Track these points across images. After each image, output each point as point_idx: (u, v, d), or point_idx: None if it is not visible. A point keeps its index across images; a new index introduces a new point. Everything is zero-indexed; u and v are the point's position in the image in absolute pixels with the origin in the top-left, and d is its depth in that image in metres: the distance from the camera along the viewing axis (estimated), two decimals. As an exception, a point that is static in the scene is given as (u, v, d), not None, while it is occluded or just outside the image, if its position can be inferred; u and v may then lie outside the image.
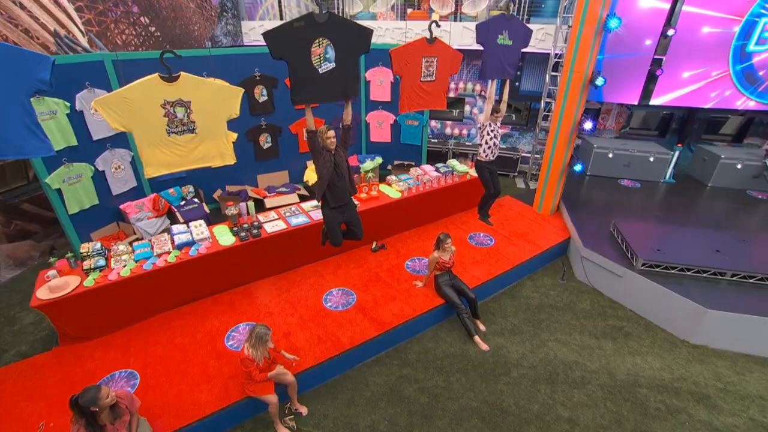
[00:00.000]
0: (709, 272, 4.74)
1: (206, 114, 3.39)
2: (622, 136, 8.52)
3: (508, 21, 4.33)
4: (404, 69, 3.95)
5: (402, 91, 4.08)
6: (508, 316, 4.91)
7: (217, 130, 3.51)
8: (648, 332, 4.62)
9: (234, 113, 3.53)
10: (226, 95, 3.46)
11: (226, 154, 3.65)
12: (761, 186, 7.22)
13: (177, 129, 3.34)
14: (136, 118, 3.16)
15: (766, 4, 6.36)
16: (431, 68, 4.11)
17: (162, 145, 3.33)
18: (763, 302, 4.37)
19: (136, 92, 3.11)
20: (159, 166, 3.38)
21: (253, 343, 3.18)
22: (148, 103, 3.16)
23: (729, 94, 7.02)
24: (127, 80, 5.45)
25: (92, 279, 3.93)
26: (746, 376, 4.13)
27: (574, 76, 5.59)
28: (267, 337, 3.23)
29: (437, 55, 4.08)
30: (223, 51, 6.58)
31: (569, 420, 3.62)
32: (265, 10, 10.11)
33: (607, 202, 6.83)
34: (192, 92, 3.27)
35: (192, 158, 3.50)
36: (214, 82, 3.60)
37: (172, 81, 3.21)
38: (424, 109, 4.43)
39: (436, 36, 3.99)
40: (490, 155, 5.29)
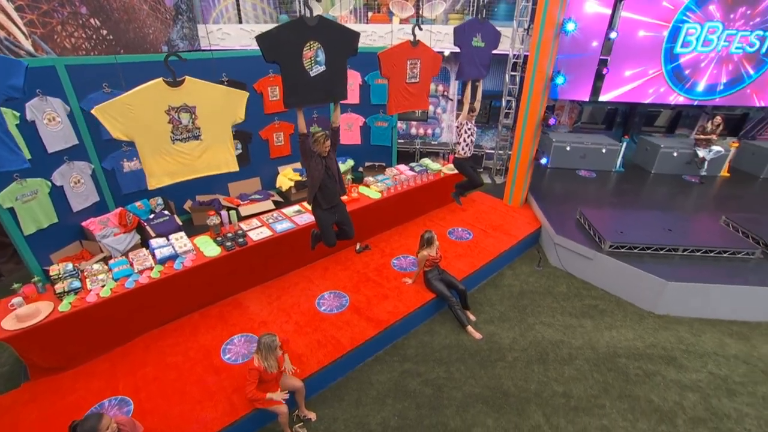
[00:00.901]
0: (665, 249, 5.28)
1: (212, 119, 3.26)
2: (575, 131, 9.20)
3: (481, 24, 4.57)
4: (391, 71, 4.04)
5: (389, 94, 4.17)
6: (495, 304, 5.14)
7: (222, 136, 3.39)
8: (619, 308, 5.06)
9: (239, 118, 3.44)
10: (231, 99, 3.35)
11: (231, 161, 3.55)
12: (693, 171, 8.11)
13: (182, 136, 3.19)
14: (139, 126, 2.98)
15: (688, 12, 7.19)
16: (415, 70, 4.24)
17: (166, 154, 3.17)
18: (709, 272, 4.94)
19: (139, 98, 2.94)
20: (163, 176, 3.22)
21: (264, 355, 3.12)
22: (151, 110, 2.99)
23: (663, 91, 7.83)
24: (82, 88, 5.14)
25: (68, 303, 3.62)
26: (702, 337, 4.65)
27: (537, 75, 5.97)
28: (275, 344, 3.18)
29: (420, 57, 4.22)
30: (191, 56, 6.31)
31: (564, 394, 3.89)
32: (219, 13, 9.75)
33: (569, 191, 7.35)
34: (197, 97, 3.14)
35: (197, 166, 3.36)
36: (219, 85, 3.47)
37: (177, 85, 3.07)
38: (409, 110, 4.57)
39: (419, 39, 4.13)
40: (468, 152, 5.54)
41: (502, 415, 3.67)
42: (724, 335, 4.67)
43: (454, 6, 9.20)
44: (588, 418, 3.65)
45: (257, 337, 4.11)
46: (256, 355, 3.15)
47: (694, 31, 7.31)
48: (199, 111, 3.19)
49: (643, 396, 3.88)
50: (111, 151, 5.63)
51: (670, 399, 3.86)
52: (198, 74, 5.81)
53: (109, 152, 5.61)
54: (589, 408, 3.76)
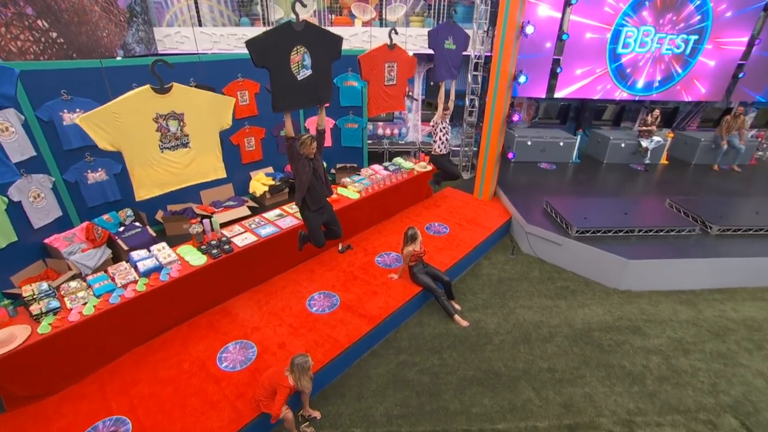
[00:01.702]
0: (623, 231, 5.81)
1: (200, 126, 3.21)
2: (533, 126, 9.79)
3: (452, 28, 4.81)
4: (371, 74, 4.17)
5: (369, 96, 4.30)
6: (477, 293, 5.42)
7: (210, 142, 3.34)
8: (588, 287, 5.51)
9: (227, 123, 3.40)
10: (218, 105, 3.31)
11: (219, 168, 3.50)
12: (638, 160, 8.92)
13: (170, 144, 3.11)
14: (127, 135, 2.88)
15: (626, 17, 7.92)
16: (392, 72, 4.40)
17: (155, 163, 3.08)
18: (660, 249, 5.52)
19: (126, 106, 2.83)
20: (152, 186, 3.11)
21: (298, 375, 3.13)
22: (139, 118, 2.89)
23: (609, 87, 8.56)
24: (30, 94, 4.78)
25: (47, 325, 3.41)
26: (659, 307, 5.19)
27: (501, 75, 6.34)
28: (308, 364, 3.20)
29: (397, 60, 4.38)
30: (139, 61, 6.07)
31: (549, 369, 4.21)
32: (174, 15, 9.38)
33: (533, 183, 7.84)
34: (185, 104, 3.08)
35: (186, 175, 3.28)
36: (206, 92, 3.40)
37: (165, 93, 2.99)
38: (388, 111, 4.71)
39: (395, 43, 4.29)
40: (444, 149, 5.78)
41: (496, 394, 3.92)
42: (676, 303, 5.24)
43: (414, 8, 9.47)
44: (572, 388, 3.99)
45: (252, 343, 4.10)
46: (290, 375, 3.15)
47: (632, 34, 8.06)
48: (187, 118, 3.13)
49: (616, 363, 4.29)
50: (73, 162, 5.31)
51: (638, 363, 4.30)
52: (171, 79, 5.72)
53: (71, 163, 5.29)
54: (572, 379, 4.10)
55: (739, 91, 8.87)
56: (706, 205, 6.52)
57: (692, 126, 10.34)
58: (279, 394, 3.05)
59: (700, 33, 8.15)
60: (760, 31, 8.31)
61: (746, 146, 8.77)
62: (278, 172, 7.79)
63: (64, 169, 5.26)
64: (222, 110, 3.35)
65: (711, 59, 8.46)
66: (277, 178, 7.52)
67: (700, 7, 7.91)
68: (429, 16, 9.16)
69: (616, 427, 3.60)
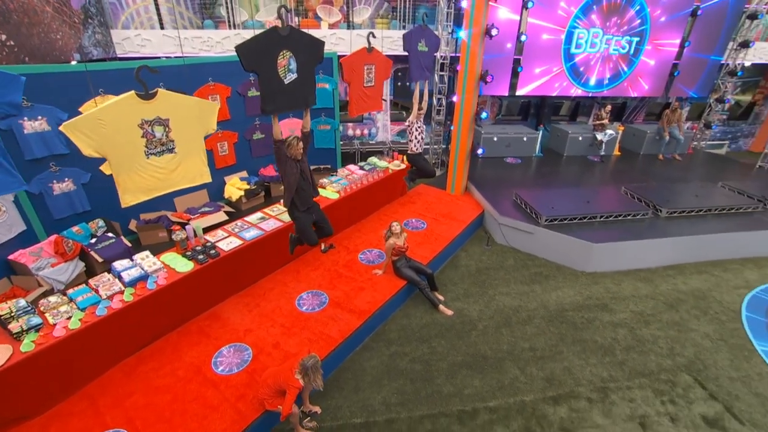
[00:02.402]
0: (587, 218, 6.29)
1: (185, 132, 3.20)
2: (498, 123, 10.27)
3: (424, 31, 5.03)
4: (352, 76, 4.30)
5: (350, 97, 4.43)
6: (457, 283, 5.68)
7: (195, 147, 3.33)
8: (559, 272, 5.93)
9: (211, 128, 3.41)
10: (203, 110, 3.31)
11: (205, 172, 3.50)
12: (594, 152, 9.60)
13: (156, 150, 3.08)
14: (112, 142, 2.83)
15: (577, 20, 8.52)
16: (371, 74, 4.55)
17: (140, 169, 3.04)
18: (619, 232, 6.03)
19: (111, 113, 2.79)
20: (137, 192, 3.07)
21: (312, 377, 3.18)
22: (124, 124, 2.86)
23: (566, 85, 9.16)
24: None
25: (30, 342, 3.28)
26: (621, 285, 5.68)
27: (469, 75, 6.65)
28: (319, 363, 3.26)
29: (375, 62, 4.54)
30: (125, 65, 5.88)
31: (530, 348, 4.53)
32: (129, 17, 9.02)
33: (501, 177, 8.26)
34: (170, 109, 3.06)
35: (172, 180, 3.26)
36: (191, 97, 3.38)
37: (150, 98, 2.97)
38: (368, 111, 4.85)
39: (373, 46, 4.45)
40: (420, 148, 6.00)
41: (485, 375, 4.18)
42: (636, 281, 5.76)
43: (378, 10, 9.65)
44: (552, 364, 4.32)
45: (247, 345, 4.12)
46: (302, 378, 3.19)
47: (583, 35, 8.68)
48: (172, 123, 3.13)
49: (589, 338, 4.69)
50: (36, 172, 5.05)
51: (608, 336, 4.72)
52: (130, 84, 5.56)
53: (34, 173, 5.02)
54: (551, 355, 4.44)
55: (675, 88, 9.77)
56: (656, 191, 7.18)
57: (639, 119, 11.24)
58: (289, 395, 3.12)
59: (641, 35, 8.92)
60: (689, 34, 9.21)
61: (684, 137, 9.68)
62: (252, 176, 7.71)
63: (27, 180, 4.97)
64: (206, 115, 3.36)
65: (651, 59, 9.26)
66: (252, 182, 7.46)
67: (640, 12, 8.66)
68: (394, 18, 9.38)
69: (593, 394, 3.96)
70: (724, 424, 3.69)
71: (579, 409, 3.81)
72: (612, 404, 3.87)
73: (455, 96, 7.07)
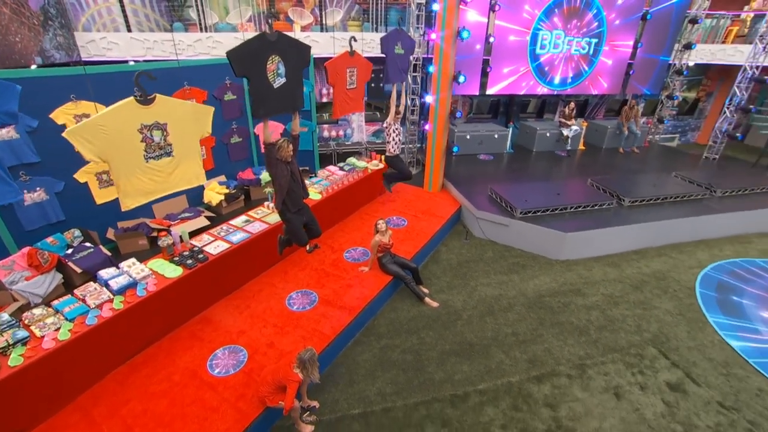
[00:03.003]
0: (558, 209, 6.69)
1: (182, 135, 3.23)
2: (469, 121, 10.62)
3: (400, 34, 5.21)
4: (335, 79, 4.42)
5: (335, 100, 4.55)
6: (440, 276, 5.92)
7: (192, 150, 3.36)
8: (534, 261, 6.28)
9: (206, 132, 3.44)
10: (198, 114, 3.35)
11: (201, 174, 3.53)
12: (561, 147, 10.14)
13: (155, 153, 3.10)
14: (113, 147, 2.84)
15: (540, 22, 8.98)
16: (353, 77, 4.69)
17: (140, 173, 3.05)
18: (588, 222, 6.46)
19: (112, 118, 2.80)
20: (137, 195, 3.09)
21: (310, 369, 3.28)
22: (124, 129, 2.87)
23: (532, 84, 9.62)
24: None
25: (18, 356, 3.21)
26: (592, 270, 6.10)
27: (443, 76, 6.91)
28: (316, 355, 3.36)
29: (356, 65, 4.68)
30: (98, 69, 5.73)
31: (513, 333, 4.81)
32: (90, 18, 8.69)
33: (475, 173, 8.59)
34: (168, 114, 3.09)
35: (170, 183, 3.28)
36: (186, 101, 3.41)
37: (148, 104, 2.99)
38: (351, 112, 4.97)
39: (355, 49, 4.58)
40: (397, 149, 6.19)
41: (473, 361, 4.41)
42: (605, 266, 6.20)
43: (349, 13, 9.76)
44: (534, 346, 4.62)
45: (241, 346, 4.16)
46: (300, 371, 3.28)
47: (547, 36, 9.15)
48: (170, 127, 3.16)
49: (566, 321, 5.03)
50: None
51: (582, 318, 5.08)
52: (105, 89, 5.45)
53: (4, 184, 4.81)
54: (533, 339, 4.74)
55: (631, 86, 10.46)
56: (618, 182, 7.71)
57: (600, 115, 11.93)
58: (290, 389, 3.21)
59: (599, 37, 9.51)
60: (641, 36, 9.91)
61: (641, 131, 10.40)
62: (231, 180, 7.66)
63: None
64: (202, 119, 3.40)
65: (609, 59, 9.89)
66: (231, 186, 7.40)
67: (597, 15, 9.24)
68: (366, 20, 9.52)
69: (572, 371, 4.28)
70: (684, 387, 4.10)
71: (560, 386, 4.11)
72: (589, 379, 4.20)
73: (429, 96, 7.32)
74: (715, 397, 3.99)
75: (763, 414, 3.84)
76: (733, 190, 7.66)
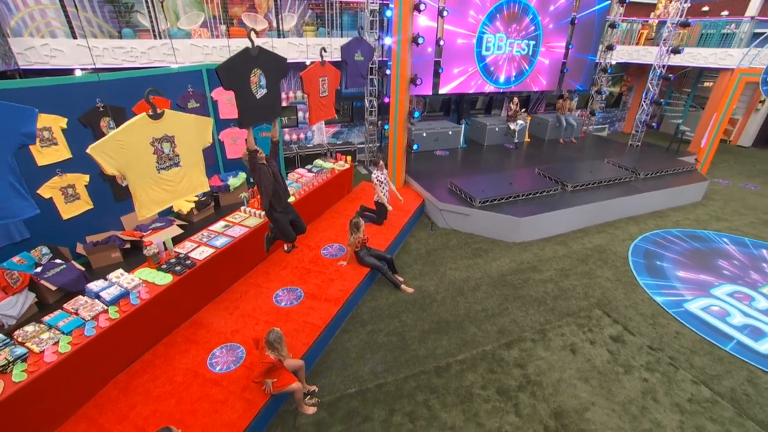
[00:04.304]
0: (512, 197, 7.44)
1: (188, 146, 3.42)
2: (424, 119, 11.23)
3: (360, 42, 5.60)
4: (310, 88, 4.73)
5: (310, 108, 4.85)
6: (412, 265, 6.42)
7: (196, 160, 3.56)
8: (494, 245, 6.97)
9: (208, 141, 3.64)
10: (200, 126, 3.54)
11: (204, 182, 3.72)
12: (509, 140, 11.05)
13: (165, 164, 3.27)
14: (131, 160, 3.01)
15: (485, 26, 9.75)
16: (325, 85, 5.01)
17: (153, 183, 3.22)
18: (538, 207, 7.26)
19: (128, 134, 2.96)
20: (152, 204, 3.25)
21: (278, 348, 3.56)
22: (139, 143, 3.04)
23: (480, 83, 10.40)
24: None
25: (20, 372, 3.25)
26: (544, 250, 6.91)
27: (401, 79, 7.38)
28: (280, 333, 3.66)
29: (327, 74, 5.01)
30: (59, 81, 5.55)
31: (483, 310, 5.42)
32: (21, 22, 8.18)
33: (434, 168, 9.19)
34: (175, 127, 3.27)
35: (179, 191, 3.46)
36: (190, 114, 3.60)
37: (158, 118, 3.17)
38: (324, 119, 5.27)
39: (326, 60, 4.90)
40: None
41: (450, 336, 4.95)
42: (555, 245, 7.03)
43: (303, 18, 9.96)
44: (501, 318, 5.25)
45: (237, 344, 4.38)
46: (271, 353, 3.57)
47: (491, 39, 9.94)
48: (177, 140, 3.35)
49: (526, 294, 5.72)
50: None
51: (540, 290, 5.80)
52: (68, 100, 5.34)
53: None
54: (500, 312, 5.36)
55: (566, 82, 11.61)
56: (561, 170, 8.66)
57: (541, 110, 13.07)
58: (258, 368, 3.54)
59: (536, 39, 10.48)
60: (571, 38, 11.05)
61: (576, 123, 11.59)
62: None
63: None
64: (203, 130, 3.60)
65: (546, 59, 10.92)
66: (200, 194, 7.40)
67: (533, 20, 10.19)
68: (321, 25, 9.77)
69: (535, 336, 4.95)
70: (623, 338, 4.91)
71: (526, 349, 4.76)
72: (549, 340, 4.88)
73: (387, 98, 7.76)
74: (646, 343, 4.84)
75: (680, 351, 4.75)
76: (653, 172, 8.88)
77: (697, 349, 4.78)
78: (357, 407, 4.00)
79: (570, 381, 4.33)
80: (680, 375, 4.42)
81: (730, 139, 13.79)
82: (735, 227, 7.83)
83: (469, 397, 4.12)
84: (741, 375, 4.43)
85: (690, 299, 5.63)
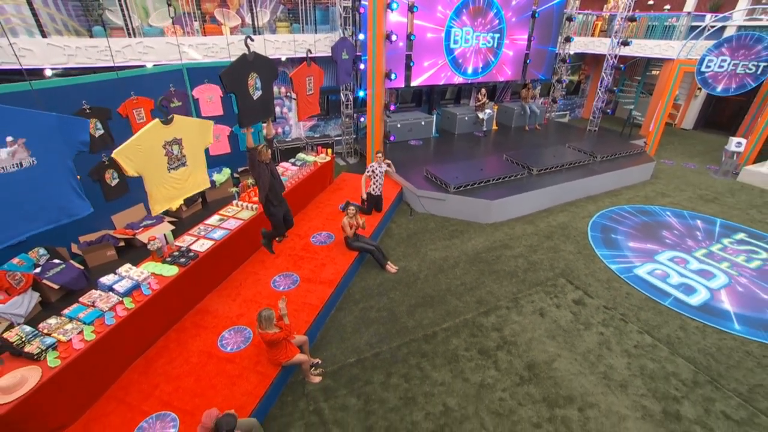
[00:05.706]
0: (483, 182, 8.09)
1: (193, 147, 3.72)
2: (397, 111, 11.69)
3: (345, 41, 5.97)
4: (298, 87, 5.09)
5: (298, 105, 5.22)
6: (395, 247, 6.96)
7: (200, 159, 3.86)
8: (469, 227, 7.61)
9: (209, 142, 3.96)
10: (203, 128, 3.85)
11: (206, 179, 4.04)
12: (477, 128, 11.71)
13: (174, 165, 3.57)
14: (147, 162, 3.31)
15: (452, 21, 10.25)
16: (311, 84, 5.38)
17: (165, 182, 3.53)
18: (507, 190, 7.95)
19: (146, 138, 3.26)
20: (163, 201, 3.57)
21: (265, 324, 3.94)
22: (153, 146, 3.34)
23: (450, 74, 10.94)
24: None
25: (54, 359, 3.55)
26: (514, 229, 7.61)
27: (376, 74, 7.80)
28: (268, 312, 4.04)
29: (313, 74, 5.37)
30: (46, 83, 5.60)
31: (462, 284, 6.04)
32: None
33: (409, 157, 9.71)
34: (182, 130, 3.57)
35: (186, 188, 3.77)
36: (194, 118, 3.89)
37: (169, 123, 3.46)
38: (311, 115, 5.63)
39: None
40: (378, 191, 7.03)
41: (435, 308, 5.54)
42: (523, 224, 7.75)
43: (274, 14, 10.09)
44: (479, 291, 5.89)
45: (244, 326, 4.78)
46: (270, 331, 3.95)
47: (458, 33, 10.47)
48: (184, 142, 3.67)
49: (500, 269, 6.39)
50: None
51: (512, 265, 6.49)
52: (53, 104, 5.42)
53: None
54: (477, 286, 6.00)
55: (529, 72, 12.36)
56: (527, 155, 9.39)
57: (507, 99, 13.80)
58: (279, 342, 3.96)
59: (501, 32, 11.11)
60: (533, 30, 11.76)
61: (540, 111, 12.40)
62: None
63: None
64: (205, 132, 3.93)
65: (510, 50, 11.59)
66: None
67: (497, 14, 10.80)
68: (295, 21, 9.95)
69: (509, 304, 5.62)
70: (584, 301, 5.68)
71: (502, 315, 5.42)
72: (522, 307, 5.57)
73: (363, 91, 8.16)
74: (603, 304, 5.62)
75: (629, 308, 5.57)
76: (608, 155, 9.79)
77: (643, 306, 5.61)
78: (357, 374, 4.52)
79: (540, 339, 5.02)
80: (629, 327, 5.21)
81: (675, 122, 15.10)
82: (677, 202, 8.85)
83: (455, 358, 4.73)
84: (675, 323, 5.29)
85: (638, 265, 6.49)
